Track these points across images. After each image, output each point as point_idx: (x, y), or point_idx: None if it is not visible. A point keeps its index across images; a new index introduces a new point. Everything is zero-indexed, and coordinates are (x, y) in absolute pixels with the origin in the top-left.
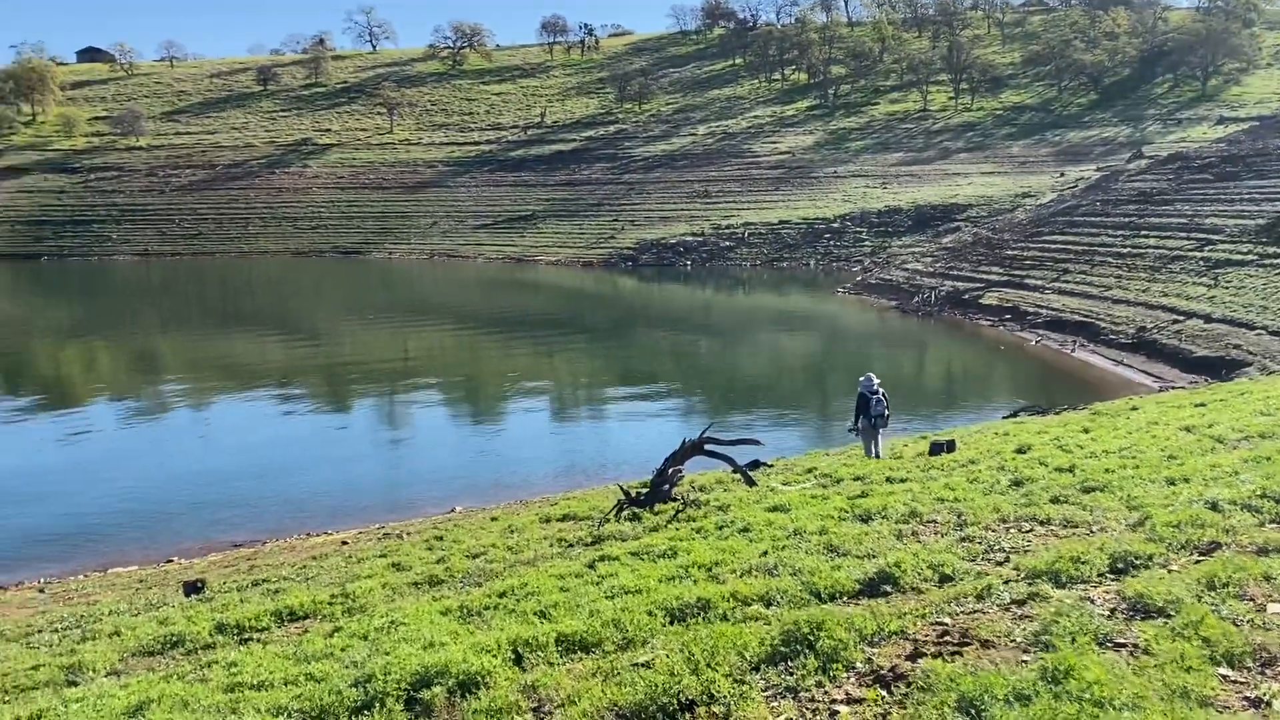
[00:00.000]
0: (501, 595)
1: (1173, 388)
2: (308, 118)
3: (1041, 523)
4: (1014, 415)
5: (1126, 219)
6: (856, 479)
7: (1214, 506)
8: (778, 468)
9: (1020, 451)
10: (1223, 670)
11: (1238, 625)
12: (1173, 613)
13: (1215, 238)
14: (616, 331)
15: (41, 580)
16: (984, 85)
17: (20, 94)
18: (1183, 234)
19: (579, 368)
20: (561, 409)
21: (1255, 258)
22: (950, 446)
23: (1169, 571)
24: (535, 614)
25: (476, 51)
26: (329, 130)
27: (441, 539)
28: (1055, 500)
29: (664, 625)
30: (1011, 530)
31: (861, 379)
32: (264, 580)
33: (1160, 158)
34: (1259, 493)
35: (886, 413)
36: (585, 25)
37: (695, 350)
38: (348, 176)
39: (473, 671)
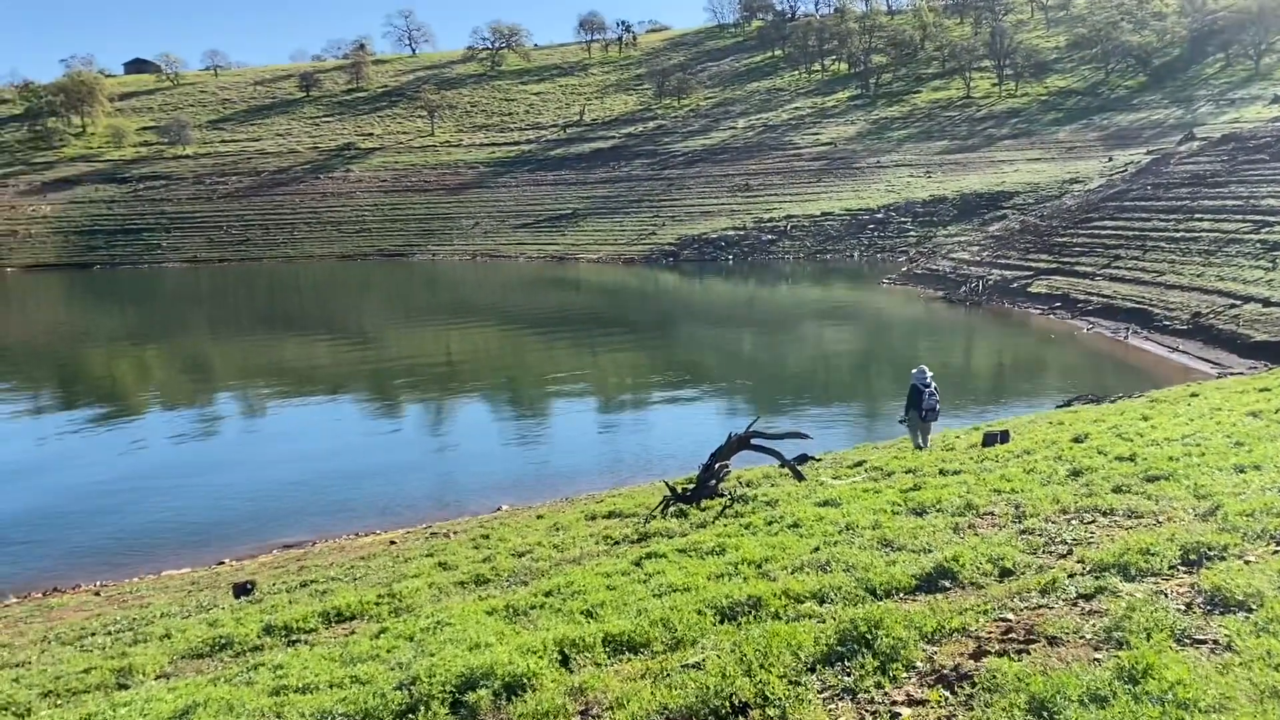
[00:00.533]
0: (548, 594)
1: (1231, 374)
2: (350, 122)
3: (1104, 513)
4: (1067, 404)
5: (1179, 202)
6: (908, 472)
7: None
8: (826, 462)
9: (1077, 440)
10: None
11: None
12: (1255, 606)
13: (1272, 219)
14: (659, 327)
15: (98, 584)
16: (1028, 70)
17: (71, 107)
18: (1238, 216)
19: (622, 364)
20: (606, 406)
21: None
22: (1004, 437)
23: (1246, 563)
24: (582, 613)
25: (515, 52)
26: (371, 134)
27: (488, 537)
28: (1117, 490)
29: (714, 624)
30: (1073, 521)
31: (914, 371)
32: (312, 581)
33: (1213, 139)
34: None
35: (937, 406)
36: (622, 22)
37: (739, 345)
38: (390, 180)
39: (518, 673)
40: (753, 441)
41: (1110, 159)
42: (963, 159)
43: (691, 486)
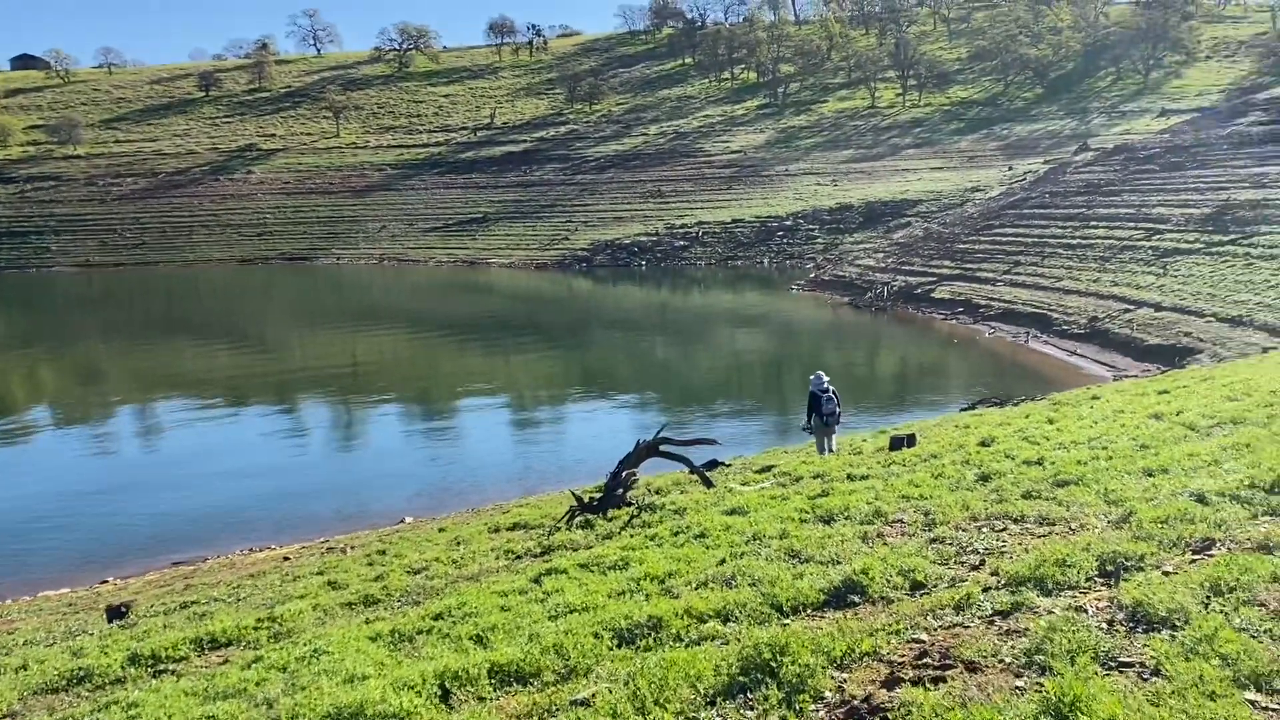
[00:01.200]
0: (437, 617)
1: (1127, 376)
2: (251, 123)
3: (1015, 520)
4: (972, 407)
5: (1075, 210)
6: (816, 477)
7: (1201, 499)
8: (736, 467)
9: (984, 444)
10: (1250, 695)
11: (1256, 638)
12: (1179, 624)
13: (1163, 227)
14: (572, 333)
15: None
16: (931, 81)
17: None
18: (1131, 224)
19: (535, 371)
20: (518, 414)
21: (1202, 246)
22: (911, 441)
23: (1165, 574)
24: (471, 639)
25: (423, 53)
26: (273, 135)
27: (384, 553)
28: (1027, 495)
29: (611, 649)
30: (984, 529)
31: (811, 378)
32: (193, 602)
33: (1106, 149)
34: (1246, 483)
35: (838, 410)
36: (533, 26)
37: (652, 350)
38: (293, 182)
39: (391, 713)
40: (661, 449)
41: (1010, 168)
42: (868, 168)
43: (599, 496)
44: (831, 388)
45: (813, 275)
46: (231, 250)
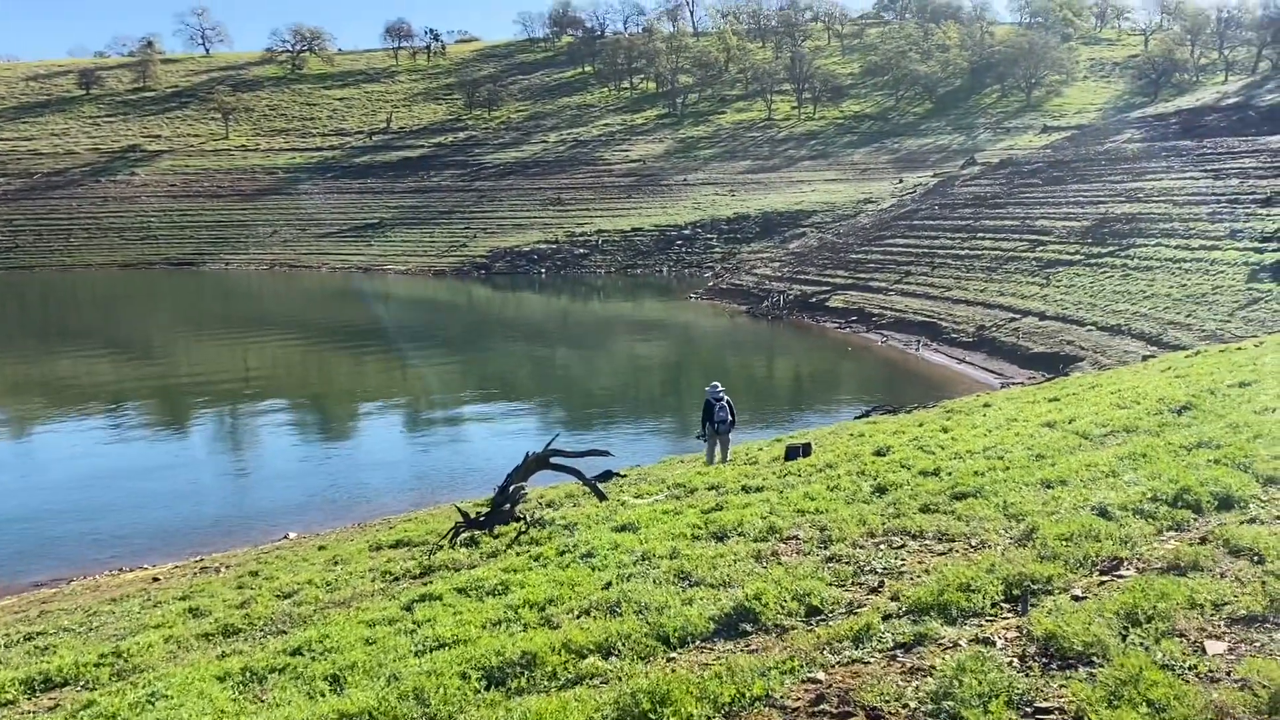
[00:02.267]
0: (295, 652)
1: (1013, 383)
2: (135, 123)
3: (913, 536)
4: (866, 415)
5: (963, 222)
6: (711, 488)
7: (1104, 513)
8: (631, 478)
9: (879, 454)
10: None
11: (1183, 678)
12: (1098, 659)
13: (1046, 239)
14: (470, 341)
15: None
16: (825, 95)
17: None
18: (1016, 235)
19: (431, 379)
20: (412, 423)
21: (1082, 257)
22: (806, 450)
23: (1076, 599)
24: (326, 679)
25: (317, 55)
26: (159, 136)
27: (257, 574)
28: (925, 509)
29: (478, 693)
30: (881, 546)
31: (707, 387)
32: (40, 633)
33: (992, 164)
34: (1148, 495)
35: (731, 419)
36: (431, 31)
37: (551, 359)
38: (180, 184)
39: None
40: (552, 460)
41: (901, 180)
42: (765, 178)
43: (487, 511)
44: (726, 397)
45: (711, 284)
46: (113, 255)
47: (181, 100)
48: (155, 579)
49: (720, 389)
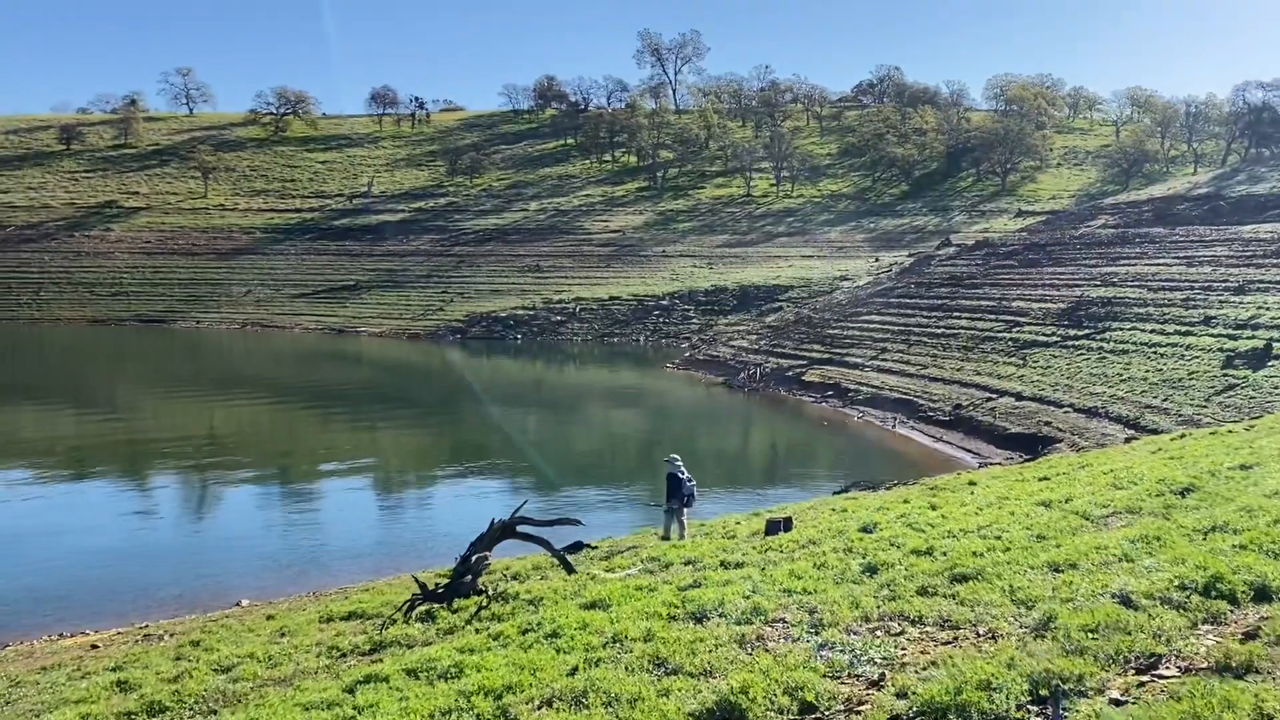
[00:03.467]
0: None
1: (991, 463)
2: (114, 179)
3: (913, 621)
4: (845, 491)
5: (940, 301)
6: (687, 563)
7: (1127, 602)
8: (603, 549)
9: (866, 530)
10: None
11: None
12: None
13: (1022, 320)
14: (444, 406)
15: None
16: (803, 174)
17: None
18: (992, 315)
19: (403, 445)
20: (378, 488)
21: (1059, 339)
22: (787, 525)
23: (1116, 704)
24: None
25: (301, 118)
26: (137, 193)
27: (198, 644)
28: (923, 592)
29: None
30: (878, 632)
31: (666, 460)
32: None
33: (968, 245)
34: (1174, 583)
35: (695, 491)
36: (416, 98)
37: (525, 425)
38: (155, 241)
39: None
40: (519, 529)
41: (877, 259)
42: (742, 253)
43: (445, 582)
44: (685, 470)
45: (687, 354)
46: (83, 310)
47: (162, 158)
48: (94, 646)
49: (679, 460)
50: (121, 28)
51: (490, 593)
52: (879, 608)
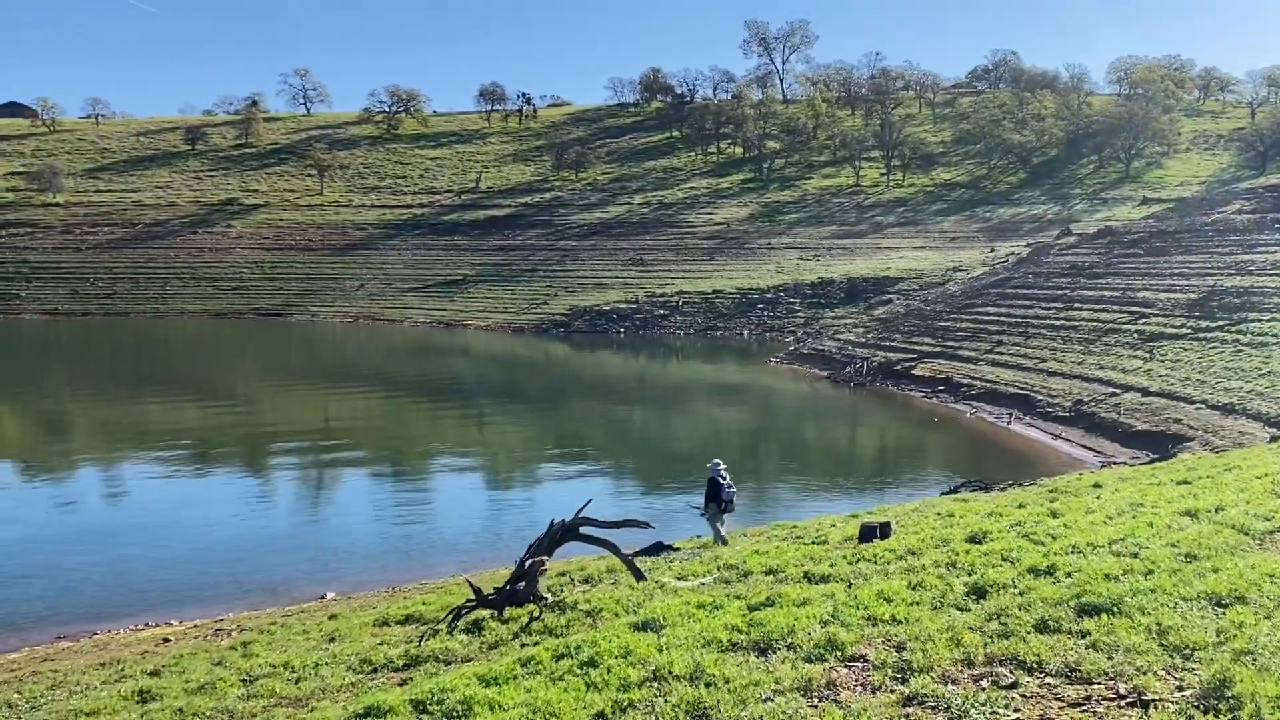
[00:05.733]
0: None
1: (1114, 462)
2: (235, 177)
3: (1029, 669)
4: (954, 491)
5: (1059, 291)
6: (769, 572)
7: None
8: (686, 551)
9: (974, 541)
10: None
11: None
12: None
13: (1148, 311)
14: (547, 399)
15: None
16: (915, 162)
17: None
18: (1115, 307)
19: (507, 436)
20: (484, 481)
21: (1189, 331)
22: (884, 531)
23: None
24: None
25: (413, 116)
26: (256, 190)
27: (249, 645)
28: (1043, 627)
29: None
30: (984, 683)
31: (710, 465)
32: None
33: (1089, 233)
34: None
35: (735, 498)
36: (523, 94)
37: (627, 420)
38: (273, 237)
39: None
40: (582, 531)
41: (992, 249)
42: (850, 244)
43: (503, 587)
44: (729, 475)
45: (792, 348)
46: (205, 304)
47: (280, 157)
48: (166, 640)
49: (723, 466)
50: (245, 32)
51: (549, 600)
52: (985, 646)
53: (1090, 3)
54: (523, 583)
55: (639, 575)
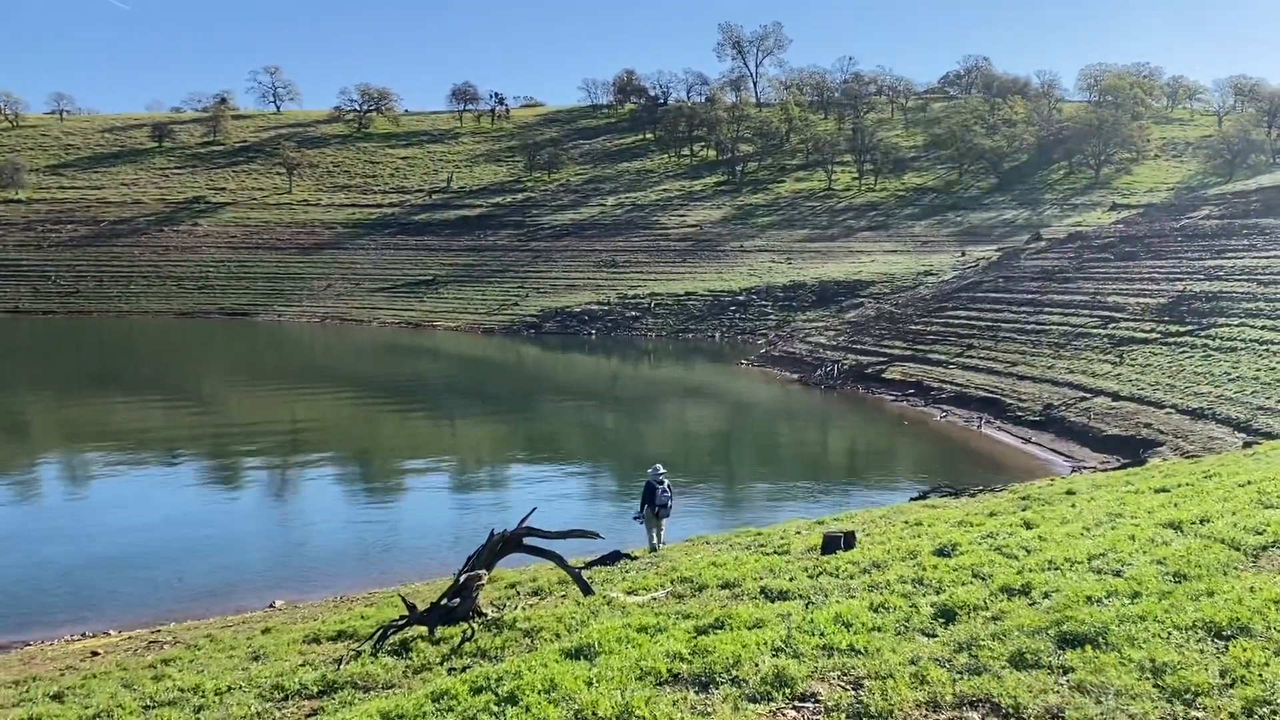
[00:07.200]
0: None
1: (1084, 467)
2: (203, 175)
3: (1004, 715)
4: (923, 497)
5: (1029, 295)
6: (725, 586)
7: None
8: (642, 561)
9: (943, 554)
10: None
11: None
12: None
13: (1118, 315)
14: (516, 401)
15: None
16: (887, 167)
17: None
18: (1086, 311)
19: (475, 439)
20: (451, 484)
21: (1159, 336)
22: (849, 541)
23: None
24: None
25: (383, 115)
26: (224, 189)
27: (169, 663)
28: (1019, 661)
29: None
30: None
31: (649, 470)
32: None
33: (1060, 238)
34: None
35: (670, 503)
36: (496, 94)
37: (598, 423)
38: (240, 236)
39: None
40: (525, 542)
41: (963, 254)
42: (823, 247)
43: (437, 602)
44: (667, 480)
45: (764, 351)
46: (170, 303)
47: (249, 155)
48: (95, 652)
49: (662, 471)
50: (215, 29)
51: (488, 616)
52: (954, 684)
53: (1060, 10)
54: (458, 599)
55: (586, 589)
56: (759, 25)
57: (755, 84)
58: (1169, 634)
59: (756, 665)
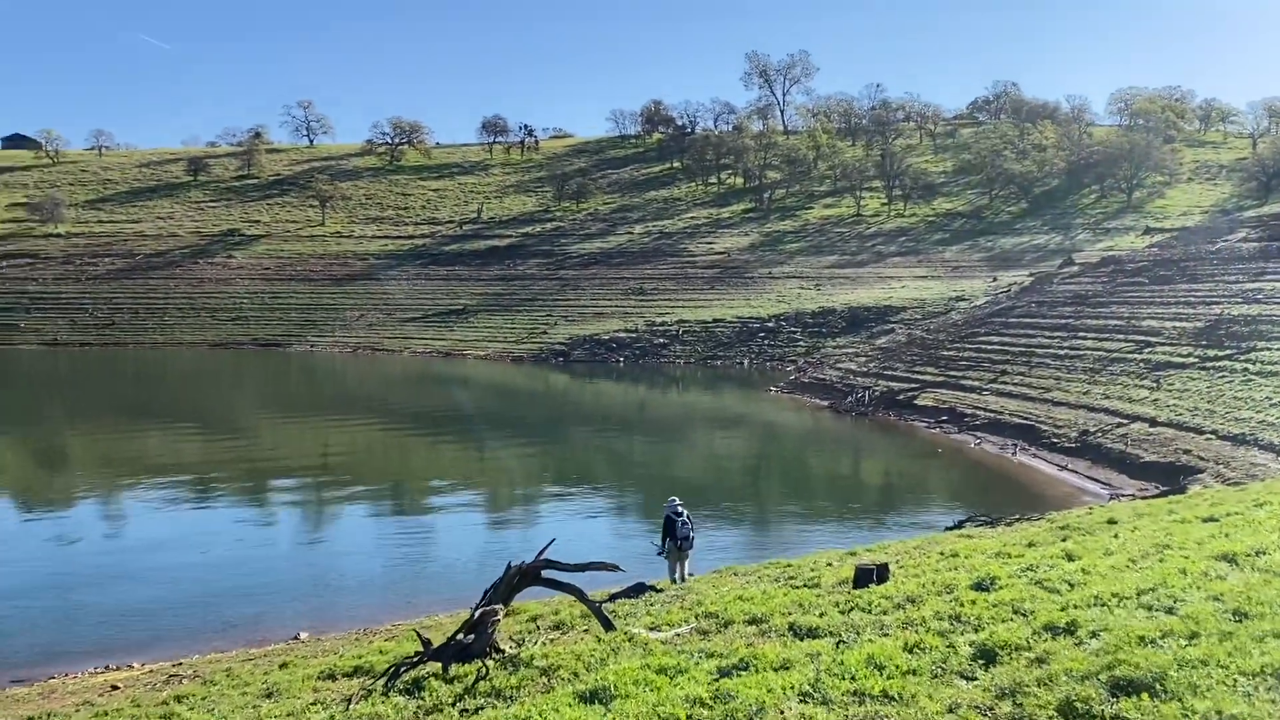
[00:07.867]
0: None
1: (1122, 495)
2: (237, 208)
3: None
4: (959, 526)
5: (1063, 320)
6: (751, 622)
7: None
8: (669, 594)
9: (981, 588)
10: None
11: None
12: None
13: (1154, 340)
14: (546, 430)
15: None
16: (916, 192)
17: None
18: (1121, 336)
19: (504, 469)
20: (481, 514)
21: (1196, 360)
22: (882, 574)
23: None
24: None
25: (415, 148)
26: (258, 221)
27: (182, 700)
28: (1068, 712)
29: None
30: None
31: (666, 503)
32: None
33: (1093, 262)
34: None
35: (692, 535)
36: (525, 126)
37: (627, 451)
38: (274, 268)
39: None
40: (544, 575)
41: (995, 279)
42: (852, 273)
43: (455, 638)
44: (685, 512)
45: (793, 377)
46: (204, 334)
47: (282, 188)
48: (115, 686)
49: (679, 503)
50: (250, 64)
51: (505, 653)
52: None
53: (1089, 36)
54: (473, 635)
55: (607, 625)
56: (786, 54)
57: (783, 112)
58: (1234, 681)
59: (782, 713)
